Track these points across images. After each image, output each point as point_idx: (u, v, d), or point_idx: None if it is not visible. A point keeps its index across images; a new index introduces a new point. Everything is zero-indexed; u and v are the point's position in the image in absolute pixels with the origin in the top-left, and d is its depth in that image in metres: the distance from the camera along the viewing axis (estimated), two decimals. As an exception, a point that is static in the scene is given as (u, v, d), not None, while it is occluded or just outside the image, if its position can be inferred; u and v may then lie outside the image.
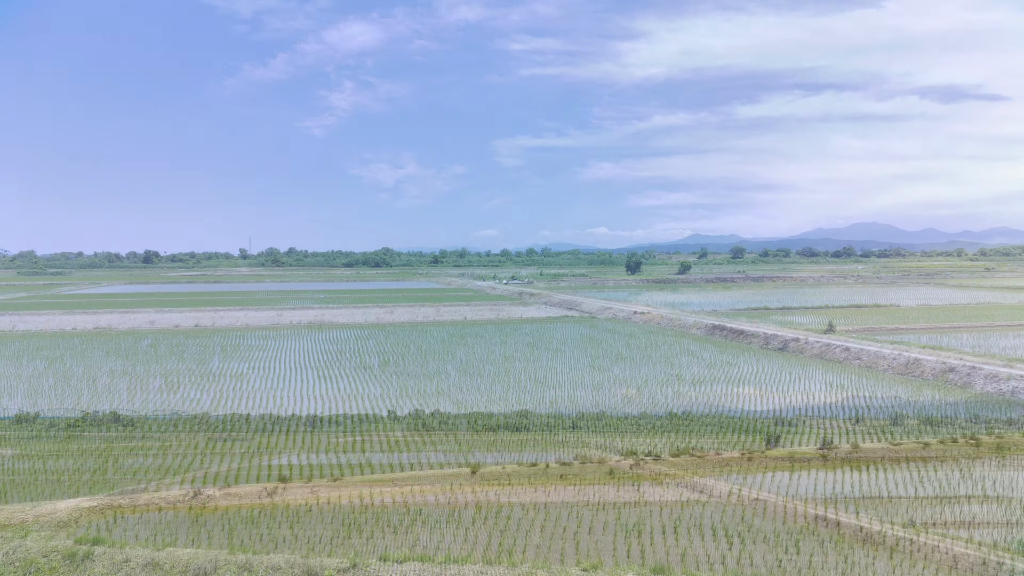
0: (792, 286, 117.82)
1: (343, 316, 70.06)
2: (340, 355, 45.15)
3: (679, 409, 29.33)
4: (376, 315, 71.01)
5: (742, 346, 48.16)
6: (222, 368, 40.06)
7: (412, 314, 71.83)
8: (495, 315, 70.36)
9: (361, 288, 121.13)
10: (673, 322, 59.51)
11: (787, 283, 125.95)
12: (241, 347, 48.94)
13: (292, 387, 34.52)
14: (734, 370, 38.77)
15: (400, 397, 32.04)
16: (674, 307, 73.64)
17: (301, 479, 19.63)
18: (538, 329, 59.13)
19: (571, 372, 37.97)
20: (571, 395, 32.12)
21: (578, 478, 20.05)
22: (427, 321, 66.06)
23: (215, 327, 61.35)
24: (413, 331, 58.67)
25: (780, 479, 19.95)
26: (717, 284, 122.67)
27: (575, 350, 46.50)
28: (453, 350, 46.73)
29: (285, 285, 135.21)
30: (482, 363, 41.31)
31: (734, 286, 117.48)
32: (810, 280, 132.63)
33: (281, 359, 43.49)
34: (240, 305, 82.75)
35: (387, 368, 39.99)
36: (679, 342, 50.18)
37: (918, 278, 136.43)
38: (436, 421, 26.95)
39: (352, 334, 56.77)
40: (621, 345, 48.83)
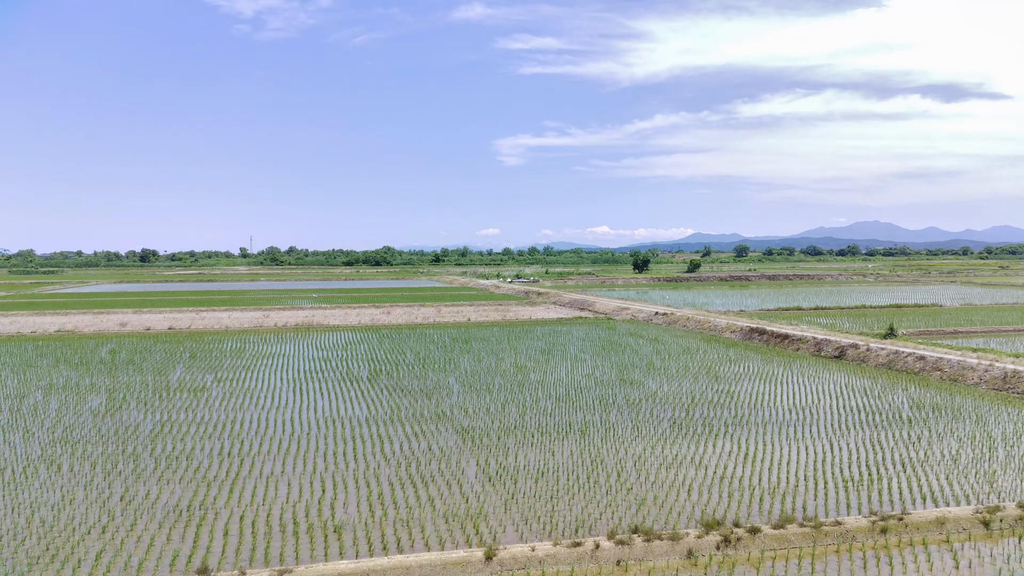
0: (811, 285, 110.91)
1: (335, 317, 63.29)
2: (324, 364, 38.37)
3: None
4: (371, 316, 64.23)
5: (789, 353, 41.34)
6: (182, 381, 33.27)
7: (410, 315, 65.05)
8: (501, 316, 63.57)
9: (359, 287, 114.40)
10: (702, 324, 52.67)
11: (805, 282, 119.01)
12: (213, 354, 42.17)
13: (258, 407, 27.75)
14: (793, 389, 31.94)
15: (390, 423, 25.24)
16: (696, 307, 66.80)
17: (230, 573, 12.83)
18: (551, 333, 52.32)
19: (599, 389, 31.14)
20: (604, 419, 25.34)
21: (643, 566, 13.29)
22: (426, 323, 59.28)
23: (190, 330, 54.56)
24: (411, 335, 51.88)
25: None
26: (732, 283, 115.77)
27: (598, 358, 39.70)
28: (456, 358, 39.94)
29: (280, 284, 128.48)
30: (490, 375, 34.52)
31: (751, 284, 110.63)
32: (827, 278, 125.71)
33: (255, 369, 36.72)
34: (226, 305, 76.00)
35: (377, 381, 33.21)
36: (715, 348, 43.34)
37: (938, 276, 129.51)
38: (435, 463, 20.18)
39: (342, 338, 49.98)
40: (649, 352, 42.01)
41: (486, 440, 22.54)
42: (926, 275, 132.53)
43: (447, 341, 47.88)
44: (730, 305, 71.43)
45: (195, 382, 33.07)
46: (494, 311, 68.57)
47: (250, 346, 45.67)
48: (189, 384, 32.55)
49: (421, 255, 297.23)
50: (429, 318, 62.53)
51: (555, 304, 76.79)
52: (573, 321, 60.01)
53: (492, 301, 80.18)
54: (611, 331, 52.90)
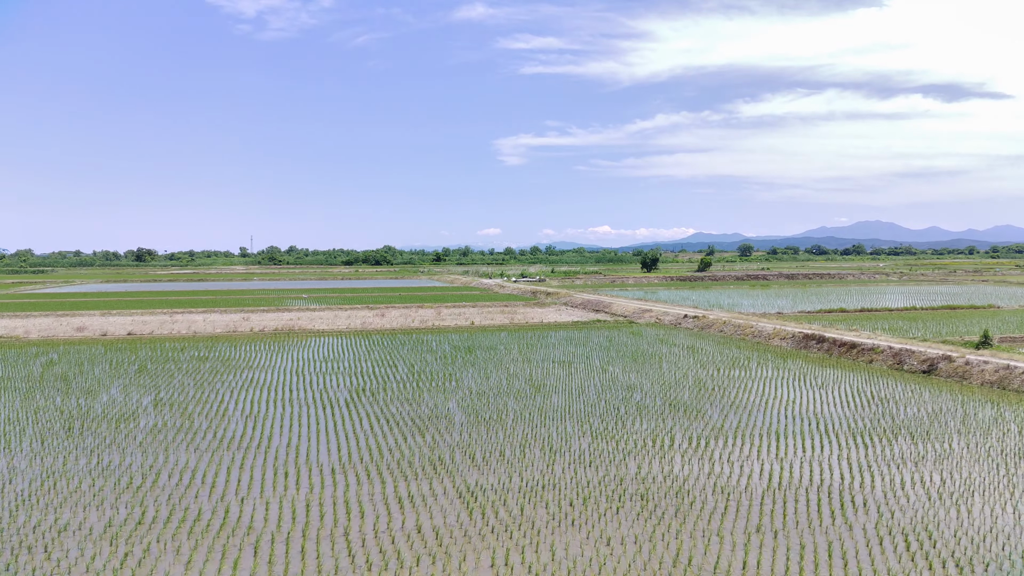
0: (836, 284, 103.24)
1: (322, 320, 55.78)
2: (297, 380, 30.88)
3: (891, 514, 15.01)
4: (363, 319, 56.72)
5: (861, 367, 33.79)
6: (109, 407, 25.77)
7: (407, 318, 57.53)
8: (508, 319, 56.03)
9: (355, 287, 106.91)
10: (742, 330, 45.12)
11: (827, 281, 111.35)
12: (166, 367, 34.67)
13: (191, 446, 20.24)
14: (925, 427, 24.42)
15: (365, 478, 17.74)
16: (724, 309, 59.25)
17: None
18: (568, 339, 44.81)
19: (646, 420, 23.60)
20: (667, 472, 17.85)
21: None
22: (424, 327, 51.77)
23: (152, 336, 47.08)
24: (406, 341, 44.38)
25: None
26: (751, 282, 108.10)
27: (631, 373, 32.16)
28: (458, 373, 32.42)
29: (274, 283, 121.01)
30: (501, 396, 27.01)
31: (771, 284, 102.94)
32: (848, 277, 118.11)
33: (208, 387, 29.22)
34: (206, 307, 68.52)
35: (358, 406, 25.71)
36: (768, 360, 35.80)
37: (963, 275, 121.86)
38: (426, 564, 12.64)
39: (325, 346, 42.49)
40: (690, 365, 34.49)
41: (503, 513, 15.00)
42: (951, 274, 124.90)
43: (447, 350, 40.40)
44: (760, 306, 63.87)
45: (126, 407, 25.57)
46: (500, 313, 61.05)
47: (215, 356, 38.16)
48: (117, 410, 25.05)
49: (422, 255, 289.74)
50: (428, 321, 55.01)
51: (567, 305, 69.23)
52: (590, 325, 52.45)
53: (497, 302, 72.64)
54: (637, 337, 45.37)
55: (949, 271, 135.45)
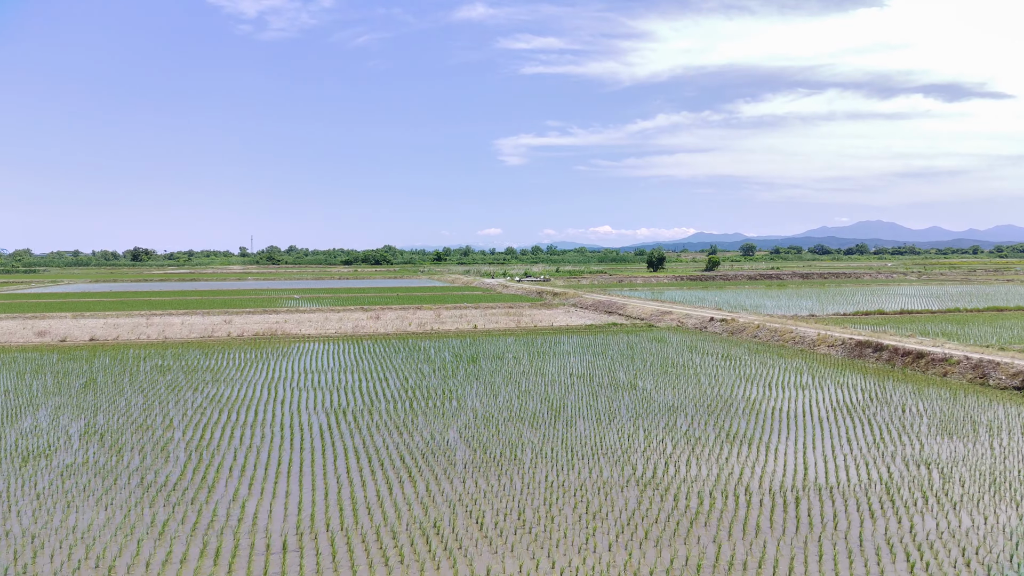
0: (857, 284, 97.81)
1: (310, 323, 50.48)
2: (268, 397, 25.56)
3: None
4: (355, 322, 51.40)
5: (935, 380, 28.44)
6: (29, 433, 20.45)
7: (404, 320, 52.20)
8: (515, 322, 50.69)
9: (351, 286, 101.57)
10: (779, 335, 39.77)
11: (845, 281, 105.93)
12: (121, 379, 29.35)
13: (106, 500, 14.90)
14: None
15: (330, 560, 12.37)
16: (752, 311, 53.91)
17: None
18: (584, 345, 39.49)
19: (708, 465, 18.27)
20: (763, 552, 12.50)
21: None
22: (422, 331, 46.43)
23: (117, 341, 41.76)
24: (401, 348, 39.07)
25: None
26: (767, 282, 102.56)
27: (668, 390, 26.81)
28: (459, 389, 27.09)
29: (269, 283, 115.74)
30: (512, 422, 21.69)
31: (788, 284, 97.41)
32: (865, 276, 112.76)
33: (160, 409, 23.87)
34: (189, 308, 63.24)
35: (336, 436, 20.38)
36: (828, 374, 30.44)
37: (984, 275, 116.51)
38: None
39: (309, 354, 37.17)
40: (734, 379, 29.15)
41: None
42: (971, 273, 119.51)
43: (447, 359, 35.10)
44: (786, 307, 58.51)
45: (47, 437, 20.24)
46: (505, 315, 55.70)
47: (180, 366, 32.83)
48: (33, 442, 19.73)
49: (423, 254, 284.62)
50: (426, 324, 49.66)
51: (576, 307, 63.87)
52: (606, 329, 47.12)
53: (501, 303, 67.30)
54: (661, 344, 40.05)
55: (967, 270, 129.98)
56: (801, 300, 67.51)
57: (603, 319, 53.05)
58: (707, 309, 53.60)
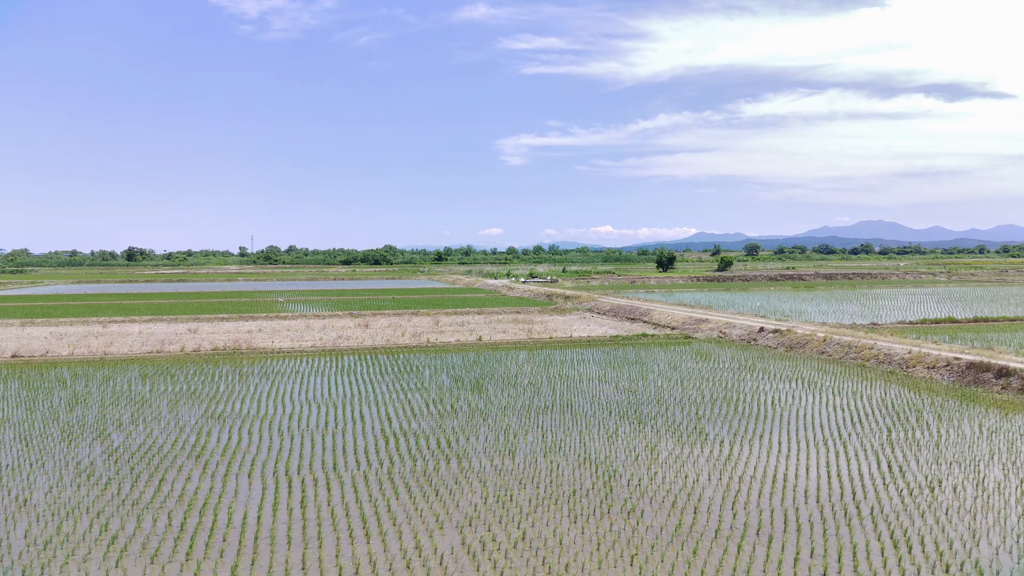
0: (887, 285, 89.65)
1: (288, 333, 42.64)
2: (182, 454, 17.68)
3: None
4: (340, 331, 43.54)
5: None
6: None
7: (396, 329, 44.32)
8: (525, 332, 42.80)
9: (345, 288, 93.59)
10: (855, 351, 31.78)
11: (876, 282, 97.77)
12: (16, 413, 21.48)
13: None
14: None
15: None
16: (799, 319, 45.99)
17: None
18: (614, 363, 31.57)
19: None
20: None
21: None
22: (417, 344, 38.50)
23: (47, 358, 33.82)
24: (389, 369, 31.16)
25: None
26: (793, 283, 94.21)
27: (756, 445, 18.88)
28: (460, 439, 19.15)
29: (259, 284, 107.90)
30: (543, 509, 13.79)
31: (816, 285, 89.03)
32: (892, 277, 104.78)
33: (13, 472, 16.01)
34: (157, 313, 55.41)
35: (260, 561, 12.50)
36: (956, 411, 22.51)
37: (1016, 275, 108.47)
38: None
39: (272, 377, 29.25)
40: (848, 427, 21.22)
41: None
42: (1003, 274, 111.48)
43: (445, 384, 27.23)
44: (833, 314, 50.61)
45: None
46: (513, 323, 47.83)
47: (100, 395, 24.89)
48: None
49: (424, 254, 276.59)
50: (422, 335, 41.77)
51: (592, 312, 55.95)
52: (635, 341, 39.21)
53: (507, 307, 59.42)
54: (708, 361, 32.14)
55: (997, 271, 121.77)
56: (842, 304, 59.57)
57: (627, 328, 45.15)
58: (749, 317, 45.62)
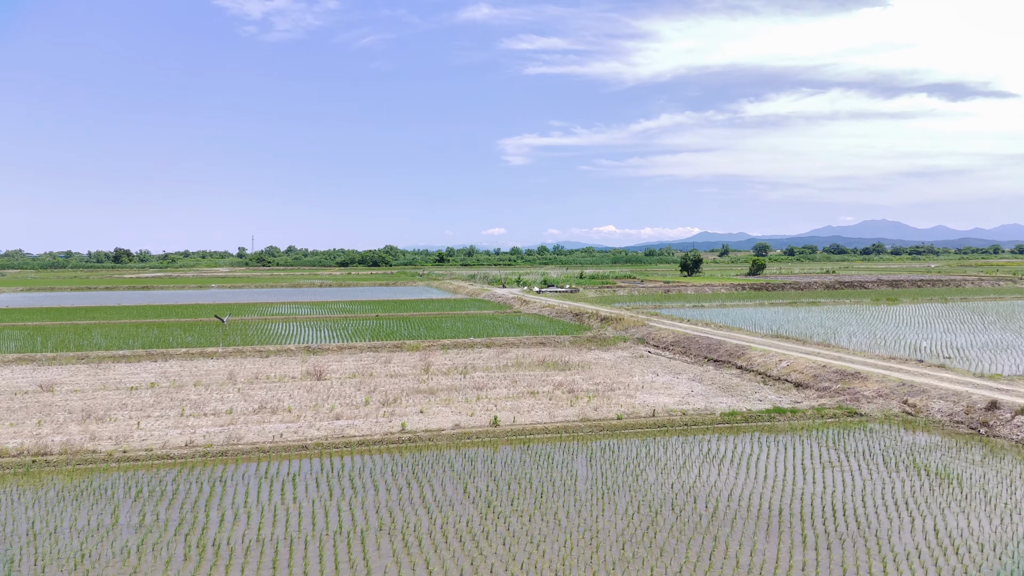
0: (982, 296, 71.46)
1: (178, 405, 25.27)
2: None
3: None
4: (268, 389, 26.11)
5: None
6: None
7: (360, 386, 26.84)
8: (567, 397, 25.38)
9: (326, 300, 75.94)
10: None
11: (953, 290, 79.80)
12: None
13: None
14: None
15: None
16: (957, 359, 28.63)
17: None
18: (786, 502, 13.91)
19: None
20: None
21: None
22: (382, 435, 20.88)
23: None
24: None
25: None
26: (859, 294, 76.25)
27: None
28: None
29: (232, 293, 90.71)
30: None
31: (900, 295, 70.87)
32: (967, 284, 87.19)
33: None
34: (27, 352, 38.16)
35: None
36: None
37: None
38: None
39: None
40: None
41: None
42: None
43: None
44: (1012, 350, 33.22)
45: None
46: (542, 369, 30.53)
47: None
48: None
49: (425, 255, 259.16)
50: (398, 400, 24.37)
51: (649, 345, 38.57)
52: (762, 420, 21.77)
53: (527, 335, 42.09)
54: (949, 484, 14.60)
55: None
56: (990, 331, 42.08)
57: (720, 380, 27.78)
58: (924, 368, 27.98)
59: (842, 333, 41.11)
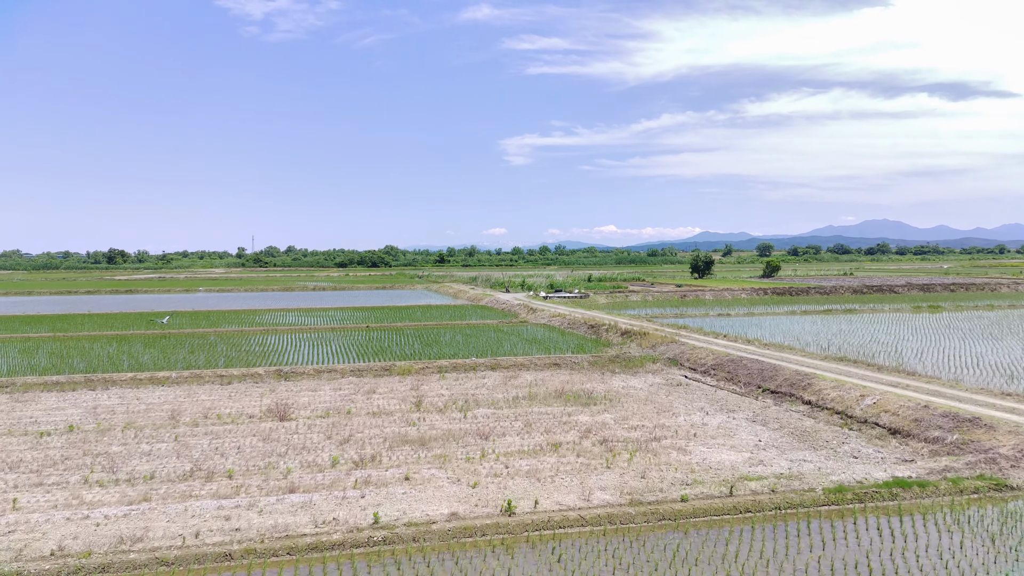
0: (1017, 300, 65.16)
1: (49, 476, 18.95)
2: None
3: None
4: (211, 444, 19.79)
5: None
6: None
7: (330, 429, 20.42)
8: (601, 453, 19.09)
9: (314, 306, 69.54)
10: None
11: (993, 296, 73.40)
12: None
13: None
14: None
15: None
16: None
17: None
18: None
19: None
20: None
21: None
22: (355, 536, 14.51)
23: None
24: None
25: None
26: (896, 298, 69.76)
27: None
28: None
29: (219, 297, 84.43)
30: None
31: (940, 301, 64.27)
32: (1003, 288, 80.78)
33: None
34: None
35: None
36: None
37: None
38: None
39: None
40: None
41: None
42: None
43: None
44: None
45: None
46: (560, 403, 24.20)
47: None
48: None
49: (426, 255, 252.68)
50: (376, 460, 18.05)
51: (684, 367, 32.23)
52: (886, 499, 15.46)
53: (538, 355, 35.77)
54: None
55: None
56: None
57: (803, 426, 21.46)
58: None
59: (907, 352, 34.78)
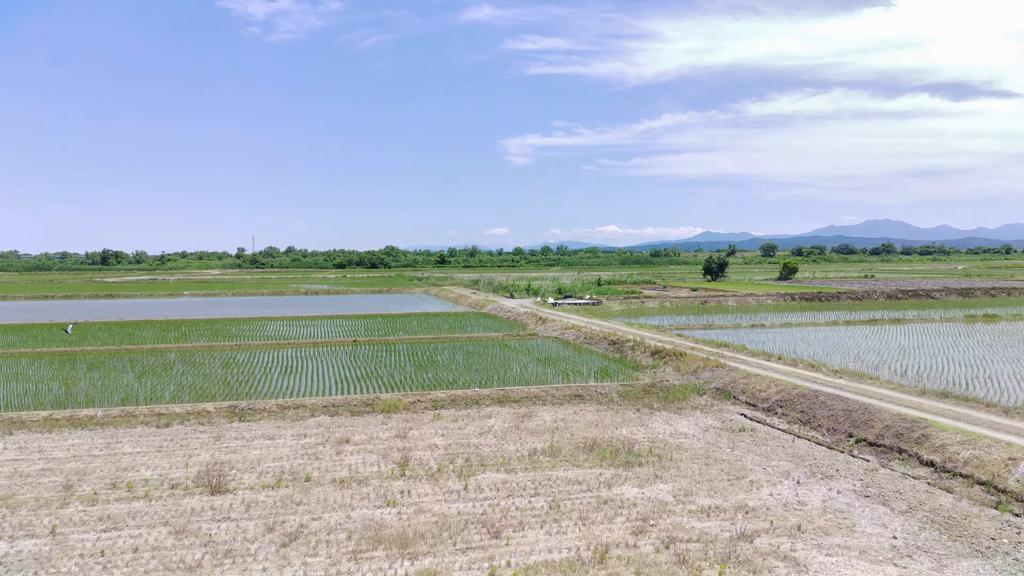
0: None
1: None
2: None
3: None
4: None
5: None
6: None
7: (274, 528, 13.92)
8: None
9: (302, 314, 62.87)
10: None
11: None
12: None
13: None
14: None
15: None
16: None
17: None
18: None
19: None
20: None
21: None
22: None
23: None
24: None
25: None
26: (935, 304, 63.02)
27: None
28: None
29: (203, 303, 77.94)
30: None
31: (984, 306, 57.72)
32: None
33: None
34: None
35: None
36: None
37: None
38: None
39: None
40: None
41: None
42: None
43: None
44: None
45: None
46: (596, 469, 17.60)
47: None
48: None
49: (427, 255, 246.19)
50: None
51: (744, 404, 25.65)
52: None
53: (556, 380, 29.20)
54: None
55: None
56: None
57: (940, 505, 14.84)
58: None
59: (1007, 379, 28.16)
